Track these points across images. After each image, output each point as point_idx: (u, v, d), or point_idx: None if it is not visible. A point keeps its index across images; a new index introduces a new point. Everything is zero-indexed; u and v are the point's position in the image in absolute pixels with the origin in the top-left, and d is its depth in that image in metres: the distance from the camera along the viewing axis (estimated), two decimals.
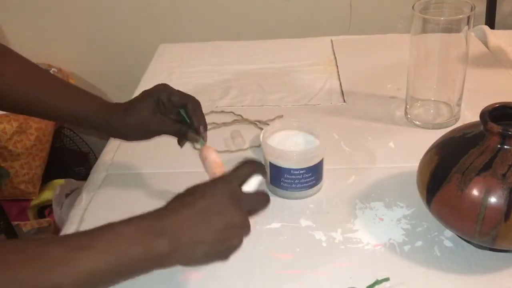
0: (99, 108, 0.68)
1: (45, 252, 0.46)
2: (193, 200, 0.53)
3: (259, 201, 0.58)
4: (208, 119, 0.94)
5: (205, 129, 0.69)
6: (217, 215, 0.52)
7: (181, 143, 0.72)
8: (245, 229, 0.55)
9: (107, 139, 0.90)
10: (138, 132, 0.69)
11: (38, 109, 0.69)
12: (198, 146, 0.70)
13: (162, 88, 0.69)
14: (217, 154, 0.66)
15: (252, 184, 0.59)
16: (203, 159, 0.67)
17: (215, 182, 0.57)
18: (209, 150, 0.67)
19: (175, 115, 0.70)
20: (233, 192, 0.55)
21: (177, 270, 0.62)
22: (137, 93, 1.04)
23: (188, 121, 0.68)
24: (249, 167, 0.59)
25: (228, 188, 0.55)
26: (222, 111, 0.95)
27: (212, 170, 0.65)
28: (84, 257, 0.46)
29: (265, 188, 0.71)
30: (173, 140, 0.70)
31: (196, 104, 0.69)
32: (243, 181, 0.58)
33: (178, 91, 0.69)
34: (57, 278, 0.45)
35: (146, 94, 0.70)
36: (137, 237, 0.48)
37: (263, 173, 0.61)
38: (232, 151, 0.83)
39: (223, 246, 0.53)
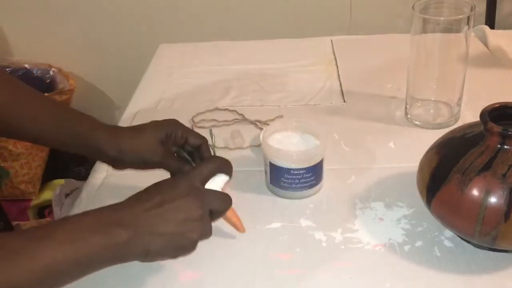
0: (99, 128, 0.63)
1: (2, 243, 0.45)
2: (150, 195, 0.53)
3: (221, 200, 0.56)
4: (211, 116, 0.94)
5: None
6: (174, 208, 0.52)
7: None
8: (205, 223, 0.54)
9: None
10: (138, 160, 0.64)
11: (28, 135, 0.64)
12: None
13: (176, 123, 0.65)
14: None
15: (217, 183, 0.58)
16: None
17: (175, 178, 0.56)
18: None
19: (176, 153, 0.66)
20: (193, 187, 0.54)
21: (177, 270, 0.62)
22: (137, 93, 1.05)
23: (192, 162, 0.65)
24: (213, 164, 0.58)
25: (187, 183, 0.54)
26: (227, 109, 0.95)
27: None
28: (43, 246, 0.45)
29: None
30: None
31: (208, 148, 0.66)
32: (206, 178, 0.57)
33: (193, 131, 0.66)
34: (14, 269, 0.43)
35: (157, 124, 0.65)
36: (95, 226, 0.48)
37: (229, 172, 0.59)
38: (230, 149, 0.84)
39: (181, 240, 0.52)
